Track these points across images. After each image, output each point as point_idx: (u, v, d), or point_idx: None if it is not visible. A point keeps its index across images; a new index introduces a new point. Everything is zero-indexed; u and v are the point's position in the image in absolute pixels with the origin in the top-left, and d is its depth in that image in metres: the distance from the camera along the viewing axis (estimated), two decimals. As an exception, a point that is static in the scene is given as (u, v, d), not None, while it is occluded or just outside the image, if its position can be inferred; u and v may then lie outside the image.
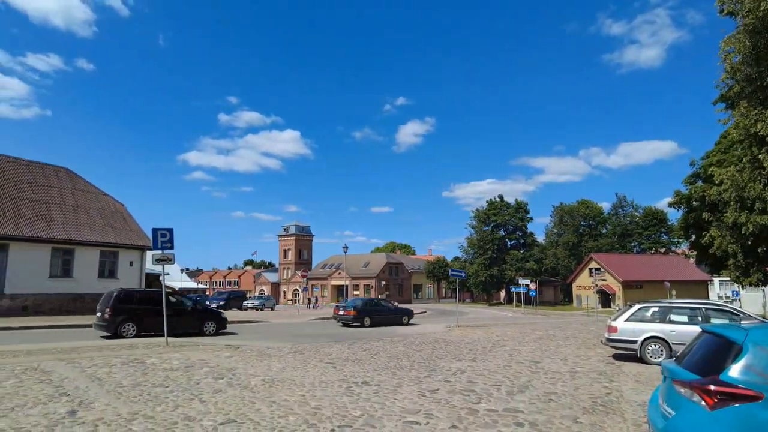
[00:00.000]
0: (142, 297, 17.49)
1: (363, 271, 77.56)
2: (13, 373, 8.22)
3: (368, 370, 9.55)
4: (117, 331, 15.71)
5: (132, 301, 16.67)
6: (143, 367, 9.25)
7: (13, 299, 23.27)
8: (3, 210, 24.03)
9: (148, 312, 16.34)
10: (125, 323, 15.98)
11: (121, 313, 15.91)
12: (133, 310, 16.38)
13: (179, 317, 17.21)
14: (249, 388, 7.54)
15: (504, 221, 70.12)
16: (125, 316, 16.00)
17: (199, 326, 17.72)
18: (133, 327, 16.11)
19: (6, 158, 27.07)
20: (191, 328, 17.39)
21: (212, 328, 17.95)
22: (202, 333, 17.47)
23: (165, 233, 13.34)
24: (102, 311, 16.00)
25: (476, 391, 7.74)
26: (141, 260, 29.00)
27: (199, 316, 18.10)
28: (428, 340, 15.78)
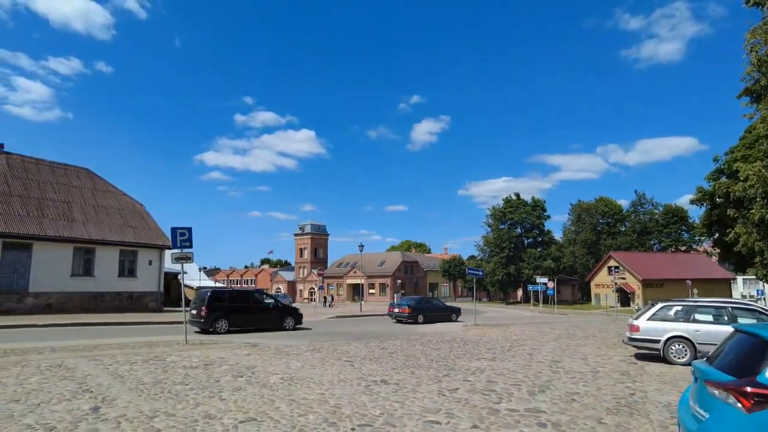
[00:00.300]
0: (231, 296, 19.32)
1: (378, 269, 77.59)
2: (39, 370, 8.36)
3: (386, 368, 9.51)
4: (212, 326, 17.35)
5: (223, 300, 18.38)
6: (163, 364, 9.33)
7: (38, 297, 23.75)
8: (27, 210, 24.53)
9: (236, 309, 18.32)
10: (219, 320, 17.60)
11: (215, 311, 17.53)
12: (224, 308, 18.03)
13: (263, 314, 19.19)
14: (268, 386, 7.55)
15: (521, 219, 69.44)
16: (219, 314, 17.63)
17: (280, 322, 19.32)
18: (225, 323, 17.68)
19: (30, 159, 27.62)
20: (273, 324, 19.00)
21: (291, 324, 19.62)
22: (282, 328, 19.10)
23: (184, 232, 13.46)
24: (198, 309, 17.67)
25: (496, 390, 7.64)
26: (160, 259, 29.37)
27: (280, 313, 19.77)
28: (445, 339, 15.68)
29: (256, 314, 19.02)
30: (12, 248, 23.11)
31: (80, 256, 25.70)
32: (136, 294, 27.92)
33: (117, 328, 18.00)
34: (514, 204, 70.84)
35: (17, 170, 26.24)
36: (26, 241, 23.52)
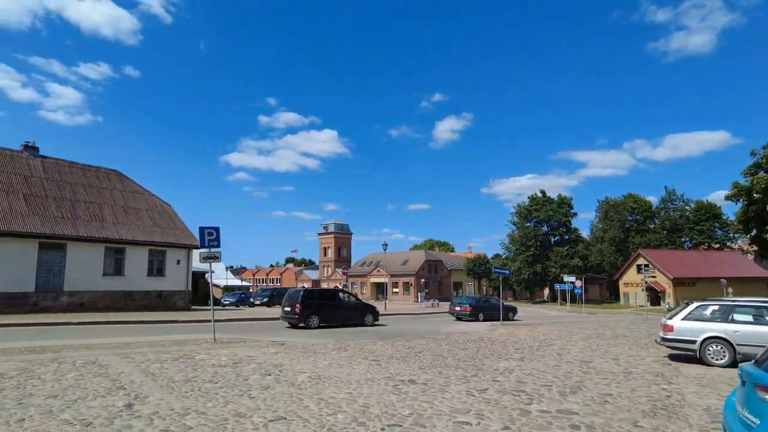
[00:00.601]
0: (320, 294, 21.46)
1: (402, 268, 77.50)
2: (74, 367, 8.56)
3: (413, 368, 9.44)
4: (305, 322, 18.98)
5: (313, 298, 20.04)
6: (193, 362, 9.45)
7: (71, 296, 24.43)
8: (61, 212, 25.25)
9: (325, 306, 20.09)
10: (311, 316, 19.22)
11: (307, 308, 19.17)
12: (315, 305, 19.69)
13: (347, 311, 20.98)
14: (296, 384, 7.57)
15: (547, 217, 68.39)
16: (311, 310, 19.28)
17: (362, 318, 21.24)
18: (317, 319, 19.29)
19: (63, 163, 28.43)
20: (356, 320, 20.90)
21: (370, 320, 21.52)
22: (363, 324, 20.98)
23: (212, 232, 13.63)
24: (291, 306, 19.34)
25: (526, 391, 7.50)
26: (187, 258, 29.89)
27: (362, 311, 21.63)
28: (472, 339, 15.52)
29: (341, 311, 20.79)
30: (48, 249, 23.83)
31: (111, 255, 26.34)
32: (164, 293, 28.48)
33: (147, 326, 18.37)
34: (540, 201, 69.82)
35: (52, 173, 27.04)
36: (60, 242, 24.22)
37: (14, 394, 6.48)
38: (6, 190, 24.03)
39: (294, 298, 19.65)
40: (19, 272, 22.70)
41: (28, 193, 24.84)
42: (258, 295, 47.75)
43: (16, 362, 8.95)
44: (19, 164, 26.04)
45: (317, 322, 19.26)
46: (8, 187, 24.27)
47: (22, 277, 22.79)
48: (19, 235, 22.75)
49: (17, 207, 23.68)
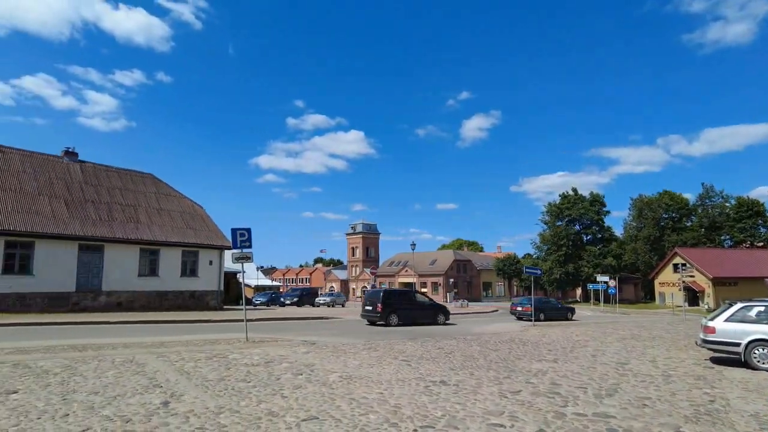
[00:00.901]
0: (398, 295, 23.14)
1: (430, 268, 77.20)
2: (113, 365, 8.81)
3: (444, 369, 9.36)
4: (386, 320, 20.33)
5: (392, 298, 21.48)
6: (226, 362, 9.60)
7: (109, 296, 25.21)
8: (99, 214, 26.08)
9: (403, 306, 21.52)
10: (391, 315, 20.54)
11: (388, 307, 20.53)
12: (394, 305, 20.99)
13: (422, 310, 22.26)
14: (327, 384, 7.60)
15: (579, 215, 66.93)
16: (390, 310, 20.60)
17: (435, 317, 22.34)
18: (396, 318, 20.61)
19: (100, 167, 29.38)
20: (429, 319, 21.96)
21: (442, 319, 22.57)
22: (435, 322, 22.03)
23: (244, 233, 13.84)
24: (373, 305, 20.79)
25: (561, 393, 7.34)
26: (219, 259, 30.46)
27: (435, 310, 22.83)
28: (504, 340, 15.31)
29: (416, 311, 22.01)
30: (87, 250, 24.65)
31: (146, 256, 27.06)
32: (197, 293, 29.10)
33: (180, 325, 18.79)
34: (572, 199, 68.41)
35: (90, 177, 27.96)
36: (98, 244, 25.02)
37: (59, 390, 6.71)
38: (48, 195, 24.97)
39: (375, 297, 21.10)
40: (61, 273, 23.57)
41: (69, 197, 25.75)
42: (288, 294, 48.36)
43: (60, 359, 9.28)
44: (60, 169, 27.03)
45: (396, 321, 20.60)
46: (50, 192, 25.22)
47: (63, 278, 23.65)
48: (61, 237, 23.61)
49: (59, 210, 24.58)
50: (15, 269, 22.40)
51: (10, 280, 22.11)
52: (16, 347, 10.87)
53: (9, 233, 22.05)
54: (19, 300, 22.21)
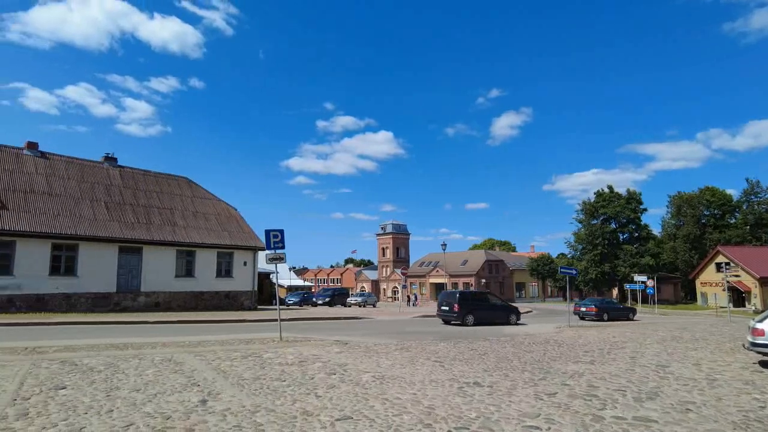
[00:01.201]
0: (474, 296, 24.32)
1: (461, 269, 76.58)
2: (153, 363, 9.08)
3: (478, 370, 9.27)
4: (463, 320, 21.24)
5: (468, 299, 22.49)
6: (261, 361, 9.76)
7: (148, 296, 25.99)
8: (137, 217, 26.92)
9: (478, 307, 22.41)
10: (467, 315, 21.42)
11: (465, 308, 21.47)
12: (470, 305, 21.95)
13: (495, 311, 23.15)
14: (361, 384, 7.62)
15: (614, 213, 65.09)
16: (467, 310, 21.52)
17: (507, 318, 23.09)
18: (472, 318, 21.49)
19: (138, 171, 30.33)
20: (502, 319, 22.76)
21: (514, 319, 23.31)
22: (508, 323, 22.74)
23: (277, 234, 14.04)
24: (449, 306, 21.78)
25: (598, 396, 7.16)
26: (253, 260, 31.01)
27: (506, 311, 23.64)
28: (538, 341, 15.05)
29: (490, 311, 22.86)
30: (126, 252, 25.49)
31: (182, 258, 27.79)
32: (232, 293, 29.69)
33: (216, 325, 19.20)
34: (607, 197, 66.64)
35: (128, 181, 28.91)
36: (137, 246, 25.84)
37: (103, 387, 6.96)
38: (90, 199, 25.94)
39: (451, 298, 22.14)
40: (103, 274, 24.45)
41: (109, 200, 26.68)
42: (320, 295, 48.83)
43: (103, 357, 9.62)
44: (101, 174, 28.04)
45: (473, 321, 21.43)
46: (92, 196, 26.19)
47: (105, 279, 24.53)
48: (102, 240, 24.49)
49: (100, 214, 25.50)
50: (61, 270, 23.37)
51: (57, 281, 23.07)
52: (64, 345, 11.33)
53: (55, 236, 23.01)
54: (65, 300, 23.15)
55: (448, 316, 21.91)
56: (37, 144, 26.66)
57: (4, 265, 21.79)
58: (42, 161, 26.20)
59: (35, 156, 26.20)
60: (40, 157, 26.32)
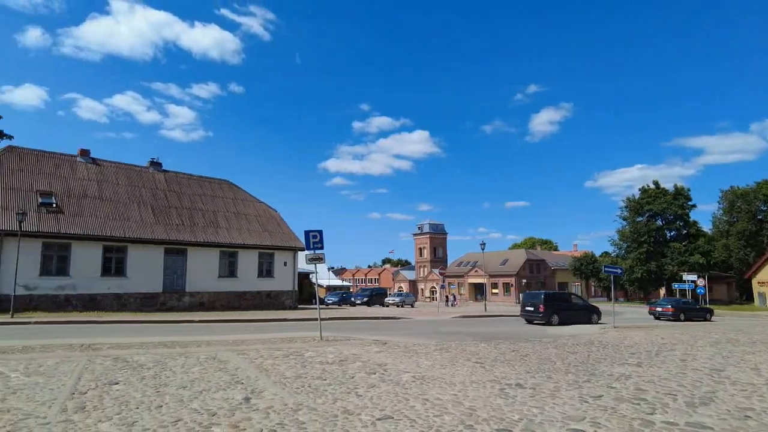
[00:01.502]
0: (557, 296, 25.40)
1: (501, 268, 75.44)
2: (198, 361, 9.36)
3: (520, 371, 9.10)
4: (548, 320, 22.11)
5: (552, 300, 23.33)
6: (302, 360, 9.90)
7: (193, 296, 26.81)
8: (181, 219, 27.82)
9: (562, 307, 23.32)
10: (553, 315, 22.34)
11: (550, 308, 22.43)
12: (554, 305, 22.86)
13: (577, 311, 23.95)
14: (401, 384, 7.62)
15: (661, 210, 62.57)
16: (552, 310, 22.46)
17: (589, 317, 23.90)
18: (557, 318, 22.36)
19: (182, 175, 31.35)
20: (584, 319, 23.45)
21: (596, 318, 24.18)
22: (590, 322, 23.54)
23: (316, 234, 14.22)
24: (534, 306, 22.82)
25: (647, 399, 6.89)
26: (293, 260, 31.52)
27: (589, 311, 24.47)
28: (582, 342, 14.65)
29: (573, 311, 23.61)
30: (172, 253, 26.39)
31: (225, 259, 28.54)
32: (273, 293, 30.28)
33: (258, 324, 19.62)
34: (653, 194, 64.15)
35: (173, 185, 29.92)
36: (182, 247, 26.70)
37: (152, 383, 7.22)
38: (137, 202, 26.99)
39: (536, 299, 23.06)
40: (150, 275, 25.39)
41: (155, 204, 27.69)
42: (358, 294, 49.17)
43: (152, 355, 9.99)
44: (147, 179, 29.14)
45: (557, 320, 22.22)
46: (139, 200, 27.24)
47: (152, 280, 25.47)
48: (149, 242, 25.44)
49: (146, 217, 26.50)
50: (112, 271, 24.43)
51: (108, 282, 24.13)
52: (116, 343, 11.84)
53: (106, 239, 24.08)
54: (116, 299, 24.18)
55: (532, 316, 22.85)
56: (89, 151, 27.99)
57: (61, 267, 22.98)
58: (93, 167, 27.45)
59: (87, 163, 27.49)
60: (91, 164, 27.60)
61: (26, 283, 21.43)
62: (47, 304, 22.00)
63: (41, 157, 25.90)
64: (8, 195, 22.69)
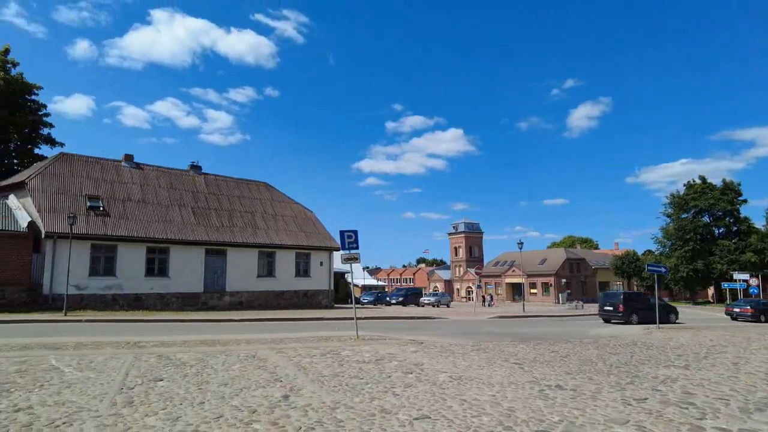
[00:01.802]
0: (636, 296, 26.24)
1: (539, 268, 74.02)
2: (238, 359, 9.57)
3: (560, 372, 8.89)
4: (627, 319, 23.01)
5: (630, 299, 24.25)
6: (339, 358, 9.98)
7: (233, 296, 27.46)
8: (221, 221, 28.53)
9: (641, 306, 23.90)
10: (632, 314, 23.22)
11: (629, 308, 23.31)
12: (633, 305, 23.73)
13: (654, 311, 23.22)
14: (438, 384, 7.57)
15: (708, 206, 59.95)
16: (632, 310, 23.37)
17: (667, 317, 24.56)
18: (636, 317, 23.19)
19: (221, 178, 32.16)
20: (662, 319, 23.05)
21: (674, 318, 25.27)
22: (668, 321, 24.25)
23: (351, 234, 14.32)
24: (614, 306, 23.82)
25: (696, 404, 6.61)
26: (329, 260, 31.86)
27: (667, 310, 25.16)
28: (624, 343, 14.21)
29: (651, 310, 23.20)
30: (212, 254, 27.10)
31: (264, 259, 29.11)
32: (310, 292, 30.69)
33: (295, 323, 19.91)
34: (699, 189, 61.57)
35: (212, 188, 30.72)
36: (222, 248, 27.39)
37: (195, 380, 7.43)
38: (179, 205, 27.85)
39: (615, 299, 24.16)
40: (192, 275, 26.15)
41: (195, 206, 28.51)
42: (394, 294, 49.21)
43: (194, 353, 10.28)
44: (188, 182, 30.02)
45: (636, 320, 22.97)
46: (180, 202, 28.10)
47: (193, 280, 26.23)
48: (190, 243, 26.21)
49: (188, 219, 27.31)
50: (155, 272, 25.29)
51: (152, 282, 24.99)
52: (160, 341, 12.26)
53: (149, 240, 24.95)
54: (159, 299, 25.02)
55: (610, 316, 23.76)
56: (133, 156, 29.07)
57: (108, 267, 23.96)
58: (137, 172, 28.50)
59: (131, 167, 28.55)
60: (135, 168, 28.65)
61: (77, 283, 22.44)
62: (96, 303, 22.99)
63: (89, 163, 27.07)
64: (60, 199, 23.82)
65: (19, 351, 9.98)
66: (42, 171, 24.73)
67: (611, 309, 23.74)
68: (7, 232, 21.43)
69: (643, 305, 24.30)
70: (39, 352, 9.94)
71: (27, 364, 8.41)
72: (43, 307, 21.33)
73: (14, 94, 30.85)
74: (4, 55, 30.94)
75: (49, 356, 9.35)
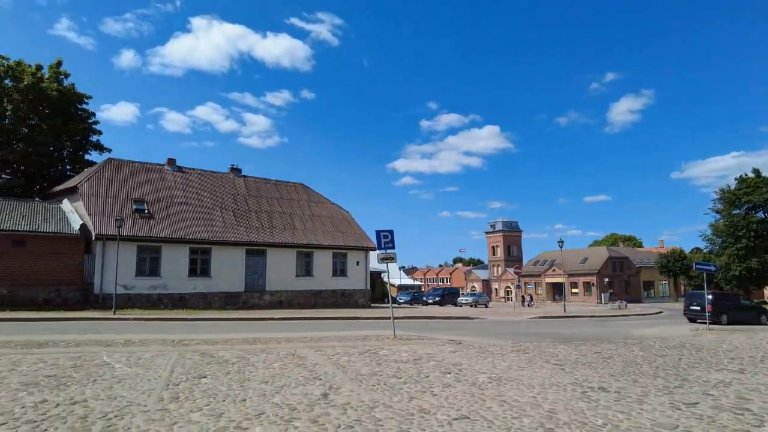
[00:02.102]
0: (725, 297, 26.20)
1: (581, 267, 72.13)
2: (279, 357, 9.75)
3: (603, 374, 8.65)
4: (717, 320, 22.38)
5: (720, 299, 24.04)
6: (377, 357, 10.02)
7: (272, 295, 28.00)
8: (261, 222, 29.13)
9: (730, 308, 23.82)
10: (721, 315, 22.86)
11: (718, 308, 22.89)
12: (723, 305, 23.50)
13: (745, 312, 24.38)
14: (477, 384, 7.50)
15: (763, 201, 56.75)
16: (721, 310, 23.06)
17: (758, 318, 24.34)
18: (725, 318, 22.89)
19: (260, 180, 32.84)
20: (753, 319, 23.90)
21: (765, 319, 24.42)
22: (759, 323, 23.90)
23: (387, 234, 14.35)
24: (701, 306, 22.95)
25: (752, 410, 6.29)
26: (365, 260, 32.04)
27: (757, 311, 25.06)
28: (671, 345, 13.68)
29: (742, 311, 24.00)
30: (253, 254, 27.72)
31: (302, 259, 29.57)
32: (347, 291, 30.94)
33: (333, 322, 20.10)
34: (752, 183, 58.37)
35: (252, 190, 31.41)
36: (261, 248, 27.97)
37: (236, 377, 7.62)
38: (220, 207, 28.61)
39: (702, 299, 23.27)
40: (233, 275, 26.83)
41: (236, 208, 29.22)
42: (430, 294, 49.02)
43: (236, 351, 10.54)
44: (228, 184, 30.81)
45: (726, 321, 22.71)
46: (221, 204, 28.86)
47: (235, 279, 26.90)
48: (231, 243, 26.88)
49: (228, 220, 28.02)
50: (198, 272, 26.08)
51: (195, 281, 25.78)
52: (203, 339, 12.63)
53: (192, 241, 25.74)
54: (202, 298, 25.77)
55: (698, 315, 23.22)
56: (175, 160, 30.07)
57: (153, 268, 24.87)
58: (179, 175, 29.45)
59: (174, 171, 29.53)
60: (177, 172, 29.62)
61: (125, 283, 23.40)
62: (142, 303, 23.90)
63: (134, 167, 28.17)
64: (108, 203, 24.90)
65: (74, 347, 10.50)
66: (92, 176, 25.92)
67: (698, 309, 23.37)
68: (61, 234, 22.60)
69: (733, 305, 24.23)
70: (92, 348, 10.43)
71: (81, 360, 8.83)
72: (94, 305, 22.36)
73: (67, 104, 32.45)
74: (56, 67, 32.56)
75: (101, 352, 9.79)
